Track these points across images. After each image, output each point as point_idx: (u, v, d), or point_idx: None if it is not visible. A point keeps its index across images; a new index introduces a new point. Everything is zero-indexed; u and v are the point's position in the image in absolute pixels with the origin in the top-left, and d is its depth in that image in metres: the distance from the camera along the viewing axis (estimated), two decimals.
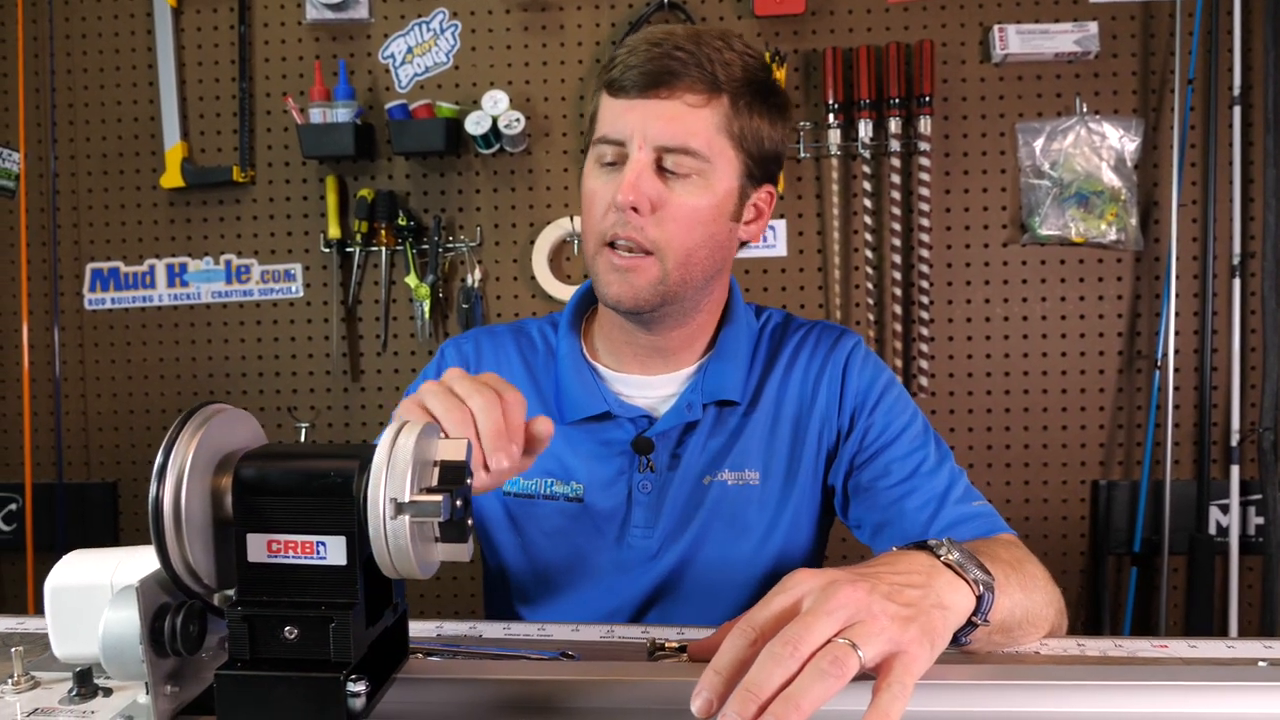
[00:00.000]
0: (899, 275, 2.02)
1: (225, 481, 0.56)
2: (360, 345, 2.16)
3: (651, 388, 1.04)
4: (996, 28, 1.98)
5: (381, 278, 2.11)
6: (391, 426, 0.56)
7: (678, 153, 0.91)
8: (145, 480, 1.00)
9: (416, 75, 2.11)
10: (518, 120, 2.00)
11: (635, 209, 0.91)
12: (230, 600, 0.56)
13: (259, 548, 0.55)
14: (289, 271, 2.16)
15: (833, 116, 2.00)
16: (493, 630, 0.83)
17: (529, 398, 1.05)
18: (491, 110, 1.99)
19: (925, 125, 1.98)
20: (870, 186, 2.02)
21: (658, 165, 0.92)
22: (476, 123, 1.99)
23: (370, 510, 0.53)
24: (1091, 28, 1.96)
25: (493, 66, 2.10)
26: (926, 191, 1.99)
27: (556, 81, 2.09)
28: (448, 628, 0.83)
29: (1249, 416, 1.98)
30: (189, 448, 0.55)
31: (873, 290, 2.04)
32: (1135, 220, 1.99)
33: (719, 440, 1.02)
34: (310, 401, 2.17)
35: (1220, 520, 2.00)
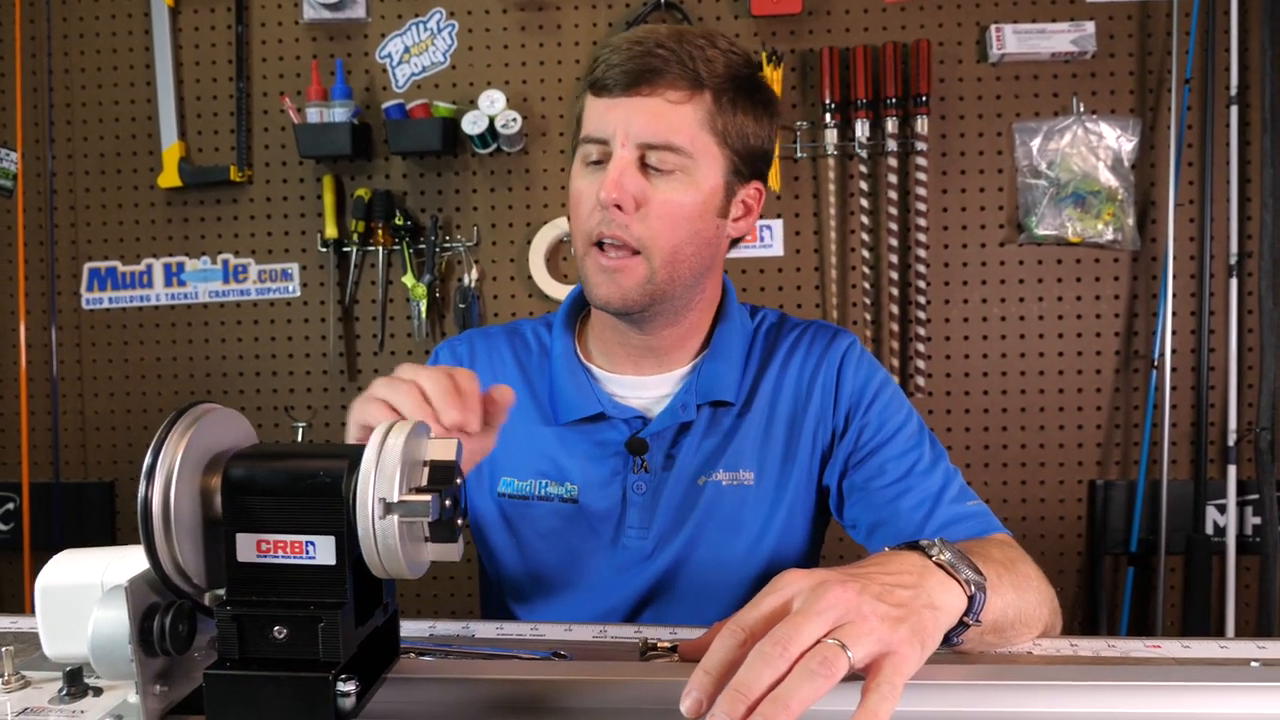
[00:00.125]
0: (896, 275, 2.02)
1: (215, 481, 0.56)
2: (357, 345, 2.16)
3: (645, 388, 1.04)
4: (993, 27, 1.98)
5: (378, 277, 2.11)
6: (380, 426, 0.56)
7: (661, 149, 0.91)
8: None
9: (413, 75, 2.11)
10: (514, 120, 2.00)
11: (619, 206, 0.91)
12: (219, 600, 0.56)
13: (248, 547, 0.55)
14: (286, 271, 2.16)
15: (830, 116, 2.00)
16: (485, 630, 0.83)
17: (523, 399, 1.07)
18: (488, 110, 1.99)
19: (922, 125, 1.98)
20: (867, 186, 2.02)
21: (641, 162, 0.92)
22: (473, 122, 1.99)
23: (359, 510, 0.53)
24: (1088, 27, 1.96)
25: (490, 66, 2.10)
26: (923, 191, 1.99)
27: (554, 81, 2.09)
28: (441, 627, 0.83)
29: (1246, 416, 1.98)
30: (178, 447, 0.55)
31: (869, 290, 2.04)
32: (1132, 220, 1.99)
33: (713, 441, 1.02)
34: (307, 401, 2.17)
35: (1217, 520, 2.00)
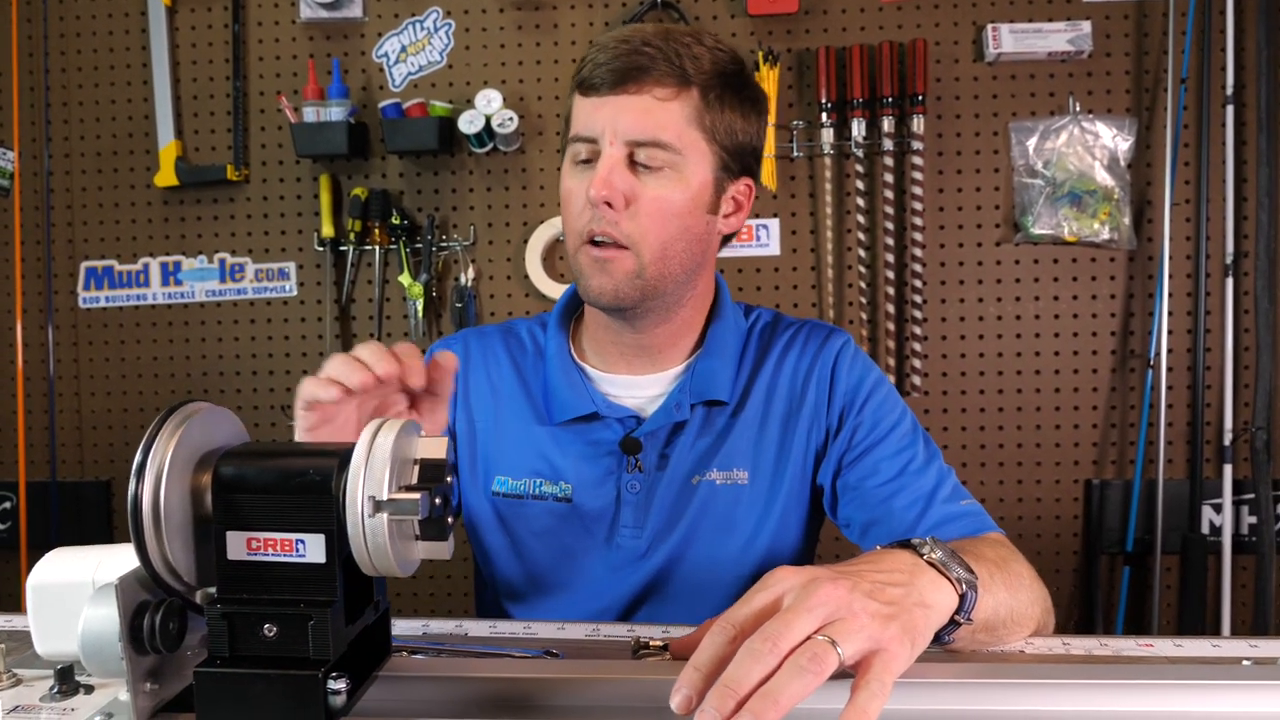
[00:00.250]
0: (892, 274, 2.02)
1: (205, 479, 0.56)
2: (354, 344, 2.15)
3: (639, 388, 1.04)
4: (990, 27, 1.98)
5: (375, 276, 2.11)
6: (370, 425, 0.56)
7: (649, 146, 0.92)
8: None
9: (410, 74, 2.11)
10: (511, 119, 2.00)
11: (609, 204, 0.91)
12: (210, 598, 0.56)
13: (238, 545, 0.55)
14: (283, 270, 2.16)
15: (826, 115, 2.00)
16: (478, 628, 0.83)
17: (518, 398, 1.07)
18: (485, 109, 1.99)
19: (918, 124, 1.98)
20: (863, 185, 2.02)
21: (630, 160, 0.92)
22: (470, 122, 1.99)
23: (349, 508, 0.53)
24: (1085, 27, 1.96)
25: (486, 65, 2.10)
26: (920, 191, 1.99)
27: (550, 80, 2.09)
28: (434, 626, 0.83)
29: (1242, 416, 1.98)
30: (168, 446, 0.55)
31: (866, 289, 2.04)
32: (1128, 219, 1.99)
33: (707, 440, 1.02)
34: None
35: (1213, 519, 2.00)
